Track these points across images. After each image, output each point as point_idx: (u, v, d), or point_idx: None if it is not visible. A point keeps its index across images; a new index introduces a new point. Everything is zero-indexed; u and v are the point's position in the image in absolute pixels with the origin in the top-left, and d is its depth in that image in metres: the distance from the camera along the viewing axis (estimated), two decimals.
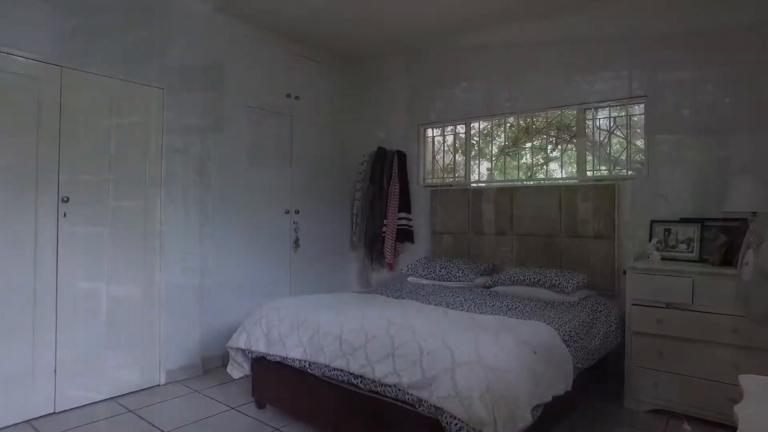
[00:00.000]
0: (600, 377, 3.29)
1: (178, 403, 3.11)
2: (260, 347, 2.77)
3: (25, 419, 2.81)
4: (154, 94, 3.39)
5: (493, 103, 4.24)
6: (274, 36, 4.29)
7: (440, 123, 4.66)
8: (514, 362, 2.05)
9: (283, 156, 4.44)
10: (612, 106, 3.70)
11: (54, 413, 2.91)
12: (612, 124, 3.74)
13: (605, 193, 3.56)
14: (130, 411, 2.97)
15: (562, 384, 2.33)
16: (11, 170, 2.76)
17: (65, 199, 2.96)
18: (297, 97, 4.52)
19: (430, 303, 3.07)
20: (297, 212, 4.54)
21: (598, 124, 3.81)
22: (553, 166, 4.17)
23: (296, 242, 4.52)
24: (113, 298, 3.18)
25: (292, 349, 2.59)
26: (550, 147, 4.19)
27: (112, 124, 3.17)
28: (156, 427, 2.75)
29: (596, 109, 3.78)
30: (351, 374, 2.31)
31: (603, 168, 3.81)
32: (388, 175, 4.65)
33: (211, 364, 3.78)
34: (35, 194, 2.85)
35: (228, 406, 3.06)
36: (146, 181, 3.35)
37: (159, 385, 3.40)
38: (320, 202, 4.78)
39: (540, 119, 4.19)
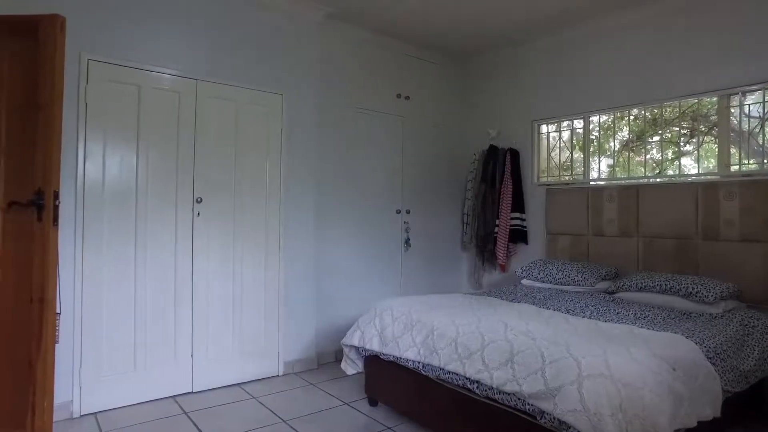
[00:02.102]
0: (756, 405, 2.87)
1: (295, 394, 3.27)
2: (374, 346, 2.80)
3: (170, 395, 3.15)
4: (273, 100, 3.59)
5: (614, 95, 3.90)
6: (383, 38, 4.35)
7: (555, 118, 4.40)
8: (651, 379, 1.85)
9: (395, 156, 4.49)
10: (767, 89, 3.21)
11: (192, 392, 3.22)
12: (765, 111, 3.26)
13: (756, 190, 3.11)
14: (254, 398, 3.17)
15: (709, 408, 2.07)
16: (158, 175, 3.09)
17: (199, 199, 3.24)
18: (407, 97, 4.54)
19: (548, 308, 2.90)
20: (408, 212, 4.56)
21: (746, 111, 3.34)
22: (686, 160, 3.74)
23: (407, 242, 4.54)
24: (239, 292, 3.42)
25: (406, 349, 2.59)
26: (682, 140, 3.76)
27: (237, 128, 3.42)
28: (276, 414, 2.91)
29: (743, 93, 3.32)
30: (467, 379, 2.24)
31: (751, 162, 3.33)
32: (500, 173, 4.50)
33: (324, 359, 3.92)
34: (175, 195, 3.16)
35: (341, 401, 3.14)
36: (267, 182, 3.56)
37: (277, 375, 3.59)
38: (431, 202, 4.77)
39: (670, 109, 3.77)
